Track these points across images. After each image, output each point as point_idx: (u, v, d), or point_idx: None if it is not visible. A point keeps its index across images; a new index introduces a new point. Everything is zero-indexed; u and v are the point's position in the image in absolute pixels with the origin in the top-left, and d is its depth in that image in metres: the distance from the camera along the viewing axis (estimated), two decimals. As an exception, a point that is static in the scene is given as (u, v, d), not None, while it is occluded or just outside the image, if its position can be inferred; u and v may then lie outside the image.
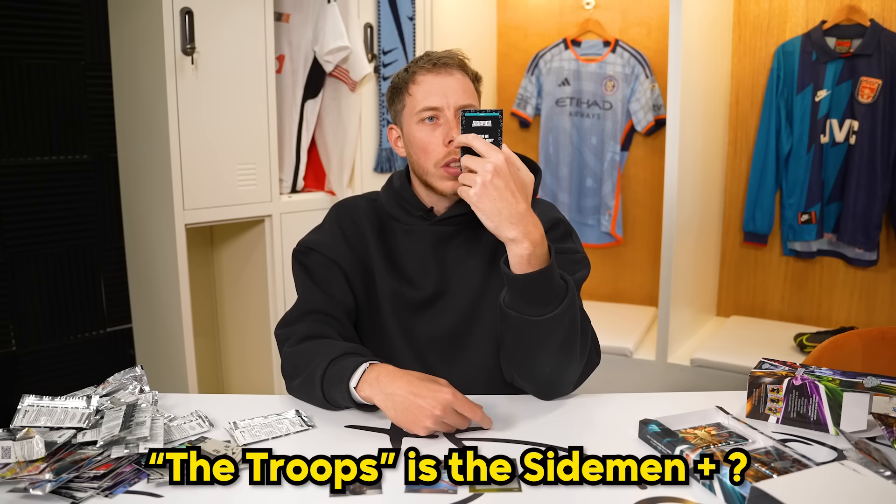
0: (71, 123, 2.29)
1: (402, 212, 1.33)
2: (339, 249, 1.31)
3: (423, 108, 1.24)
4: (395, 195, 1.35)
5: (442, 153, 1.25)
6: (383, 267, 1.30)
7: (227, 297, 2.56)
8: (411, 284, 1.29)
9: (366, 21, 2.53)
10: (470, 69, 1.29)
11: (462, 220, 1.31)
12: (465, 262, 1.30)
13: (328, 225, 1.36)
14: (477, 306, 1.28)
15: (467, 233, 1.31)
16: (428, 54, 1.28)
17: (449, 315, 1.28)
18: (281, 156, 2.40)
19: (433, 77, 1.25)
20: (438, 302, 1.29)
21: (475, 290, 1.28)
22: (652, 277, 3.00)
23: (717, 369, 2.45)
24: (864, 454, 0.94)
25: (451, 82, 1.25)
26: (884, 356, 1.47)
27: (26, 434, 0.95)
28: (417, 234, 1.32)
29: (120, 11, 2.22)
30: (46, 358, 2.31)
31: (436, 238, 1.31)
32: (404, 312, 1.29)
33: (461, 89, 1.25)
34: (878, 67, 2.45)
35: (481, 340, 1.28)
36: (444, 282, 1.29)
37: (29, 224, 2.24)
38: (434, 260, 1.30)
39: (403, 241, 1.32)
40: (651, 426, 1.01)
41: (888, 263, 2.61)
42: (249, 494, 0.90)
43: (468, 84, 1.27)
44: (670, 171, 2.42)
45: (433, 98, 1.24)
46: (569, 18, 3.09)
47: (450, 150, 1.25)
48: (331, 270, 1.30)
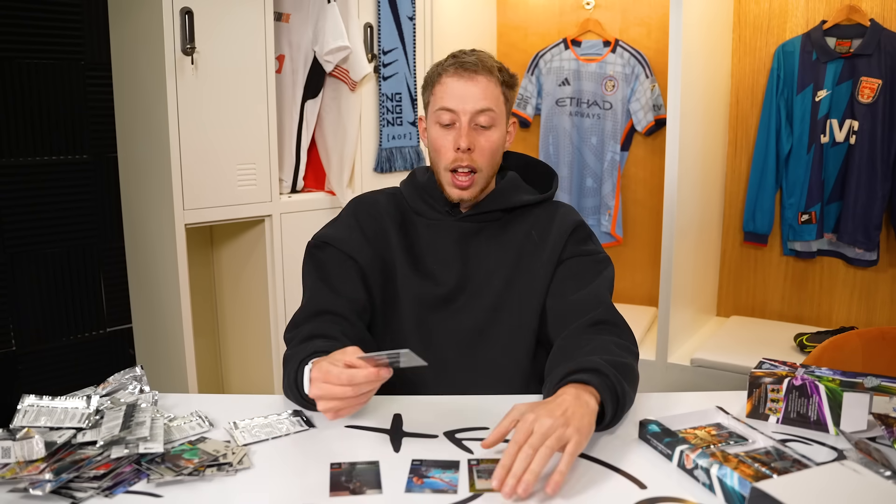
0: (71, 123, 2.29)
1: (426, 206, 1.34)
2: (357, 244, 1.30)
3: (439, 108, 1.27)
4: (419, 189, 1.35)
5: (451, 157, 1.27)
6: (405, 262, 1.30)
7: (227, 297, 2.55)
8: (433, 279, 1.30)
9: (366, 21, 2.53)
10: (499, 73, 1.28)
11: (488, 217, 1.33)
12: (490, 259, 1.31)
13: (345, 219, 1.35)
14: (500, 304, 1.28)
15: (492, 229, 1.33)
16: (458, 55, 1.29)
17: (470, 311, 1.28)
18: (281, 156, 2.40)
19: (455, 80, 1.26)
20: (460, 297, 1.29)
21: (498, 288, 1.29)
22: (652, 277, 3.00)
23: (717, 369, 2.44)
24: (864, 454, 0.94)
25: (471, 88, 1.25)
26: (884, 356, 1.47)
27: (26, 434, 0.95)
28: (441, 229, 1.32)
29: (120, 11, 2.22)
30: (46, 358, 2.31)
31: (460, 233, 1.32)
32: (425, 307, 1.29)
33: (481, 95, 1.25)
34: (878, 67, 2.45)
35: (502, 338, 1.28)
36: (467, 277, 1.29)
37: (29, 224, 2.24)
38: (457, 255, 1.30)
39: (426, 236, 1.32)
40: (651, 426, 1.01)
41: (888, 263, 2.61)
42: (249, 494, 0.90)
43: (492, 90, 1.26)
44: (670, 171, 2.42)
45: (450, 100, 1.26)
46: (569, 18, 3.09)
47: (458, 155, 1.26)
48: (344, 267, 1.28)
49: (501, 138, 1.31)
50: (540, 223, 1.33)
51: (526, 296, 1.29)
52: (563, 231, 1.31)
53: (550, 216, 1.34)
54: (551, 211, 1.36)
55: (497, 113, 1.28)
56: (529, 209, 1.36)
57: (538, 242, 1.31)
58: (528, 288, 1.29)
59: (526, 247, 1.31)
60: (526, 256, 1.31)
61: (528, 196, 1.36)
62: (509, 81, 1.30)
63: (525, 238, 1.32)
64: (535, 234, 1.32)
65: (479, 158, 1.28)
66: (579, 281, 1.26)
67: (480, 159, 1.28)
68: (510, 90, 1.31)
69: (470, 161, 1.27)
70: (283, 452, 1.00)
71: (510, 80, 1.31)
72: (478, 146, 1.27)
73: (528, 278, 1.29)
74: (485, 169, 1.29)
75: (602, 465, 0.96)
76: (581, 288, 1.25)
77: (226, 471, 0.94)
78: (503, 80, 1.29)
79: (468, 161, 1.27)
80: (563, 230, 1.31)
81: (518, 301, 1.29)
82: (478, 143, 1.27)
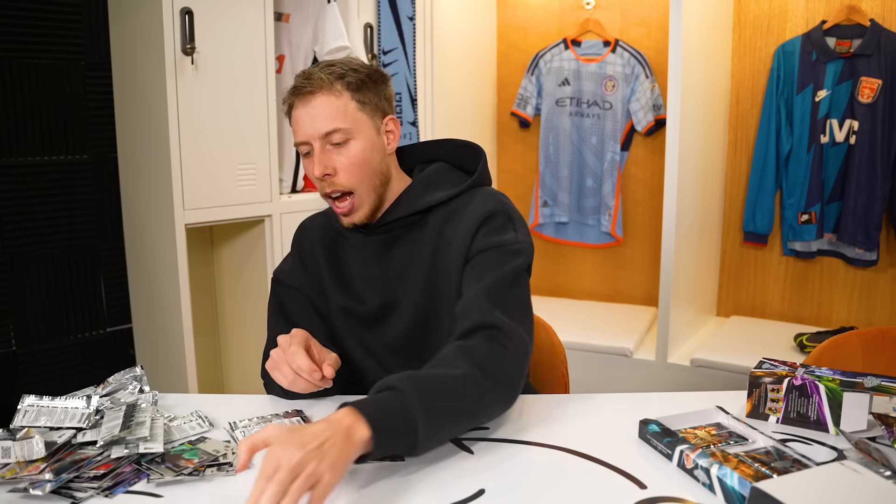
0: (71, 123, 2.29)
1: (342, 226, 1.28)
2: (297, 276, 1.32)
3: (296, 143, 1.20)
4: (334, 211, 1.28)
5: (321, 186, 1.20)
6: (334, 284, 1.29)
7: (227, 297, 2.55)
8: (360, 300, 1.27)
9: (366, 21, 2.53)
10: (339, 84, 1.16)
11: (399, 224, 1.25)
12: (408, 269, 1.24)
13: (292, 249, 1.37)
14: (427, 311, 1.23)
15: (407, 236, 1.25)
16: (296, 79, 1.19)
17: (400, 324, 1.24)
18: (281, 156, 2.40)
19: (299, 109, 1.17)
20: (389, 313, 1.25)
21: (421, 296, 1.23)
22: (652, 277, 3.00)
23: (717, 369, 2.44)
24: (864, 454, 0.94)
25: (311, 111, 1.16)
26: (884, 356, 1.47)
27: (26, 434, 0.95)
28: (359, 247, 1.28)
29: (120, 11, 2.22)
30: (46, 358, 2.31)
31: (376, 248, 1.26)
32: (357, 327, 1.28)
33: (325, 115, 1.15)
34: (878, 67, 2.45)
35: (433, 348, 1.15)
36: (391, 292, 1.25)
37: (29, 224, 2.24)
38: (378, 271, 1.26)
39: (349, 255, 1.30)
40: (651, 426, 1.01)
41: (888, 263, 2.61)
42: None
43: (334, 103, 1.15)
44: (670, 171, 2.42)
45: (299, 131, 1.18)
46: (569, 18, 3.09)
47: (322, 183, 1.19)
48: (298, 302, 1.31)
49: (365, 148, 1.18)
50: (454, 218, 1.22)
51: (447, 300, 1.20)
52: (472, 222, 1.18)
53: (463, 208, 1.22)
54: (466, 201, 1.23)
55: (348, 126, 1.16)
56: (447, 205, 1.24)
57: (449, 240, 1.21)
58: (446, 292, 1.20)
59: (439, 247, 1.22)
60: (439, 257, 1.21)
61: (440, 193, 1.24)
62: (360, 84, 1.17)
63: (438, 237, 1.22)
64: (448, 231, 1.22)
65: (344, 178, 1.18)
66: (477, 281, 1.13)
67: (346, 178, 1.18)
68: (366, 92, 1.18)
69: (335, 185, 1.18)
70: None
71: (363, 82, 1.18)
72: (338, 166, 1.17)
73: (444, 281, 1.21)
74: (359, 186, 1.19)
75: (602, 465, 0.96)
76: (464, 295, 1.14)
77: (226, 471, 0.94)
78: (350, 86, 1.16)
79: (334, 186, 1.18)
80: (471, 222, 1.18)
81: (440, 307, 1.21)
82: (336, 163, 1.17)
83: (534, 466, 0.97)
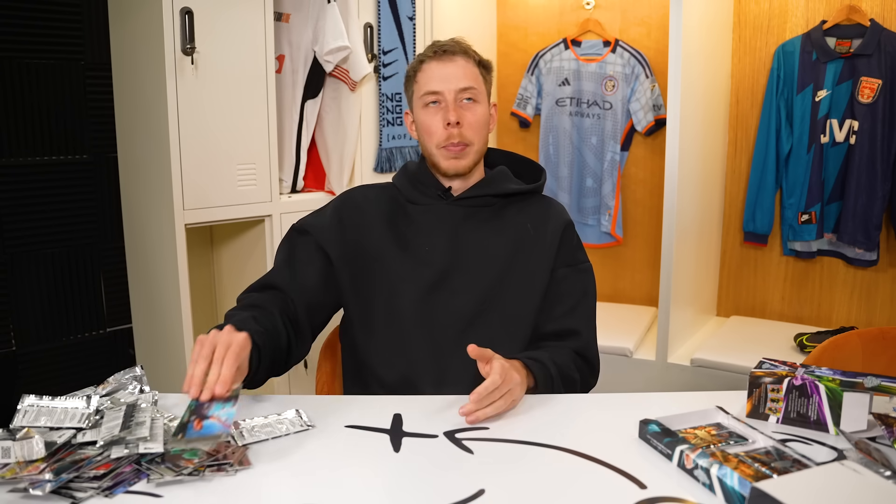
0: (71, 123, 2.29)
1: (418, 194, 1.38)
2: (332, 237, 1.35)
3: (425, 93, 1.34)
4: (410, 178, 1.40)
5: (443, 135, 1.33)
6: (394, 250, 1.33)
7: (227, 297, 2.55)
8: (425, 264, 1.32)
9: (366, 21, 2.53)
10: (474, 55, 1.38)
11: (479, 202, 1.36)
12: (483, 243, 1.34)
13: (329, 211, 1.40)
14: (494, 287, 1.32)
15: (485, 213, 1.37)
16: (433, 44, 1.38)
17: (464, 294, 1.31)
18: (281, 156, 2.40)
19: (436, 64, 1.34)
20: (453, 280, 1.31)
21: (493, 272, 1.32)
22: (652, 277, 3.00)
23: (717, 369, 2.44)
24: (864, 454, 0.94)
25: (451, 68, 1.33)
26: (884, 356, 1.48)
27: (26, 434, 0.95)
28: (433, 214, 1.36)
29: (120, 11, 2.22)
30: (46, 358, 2.31)
31: (453, 218, 1.35)
32: (418, 292, 1.31)
33: (462, 74, 1.33)
34: (878, 67, 2.45)
35: (496, 322, 1.31)
36: (460, 260, 1.32)
37: (29, 224, 2.24)
38: (450, 238, 1.34)
39: (419, 221, 1.36)
40: (651, 426, 1.01)
41: (888, 263, 2.61)
42: (249, 494, 0.90)
43: (471, 69, 1.35)
44: (670, 171, 2.42)
45: (434, 83, 1.33)
46: (569, 18, 3.09)
47: (449, 132, 1.32)
48: (314, 256, 1.34)
49: (485, 113, 1.38)
50: (534, 216, 1.39)
51: (524, 288, 1.33)
52: (557, 228, 1.38)
53: (544, 210, 1.41)
54: (544, 206, 1.42)
55: (479, 90, 1.36)
56: (523, 201, 1.41)
57: (534, 235, 1.36)
58: (527, 283, 1.34)
59: (522, 236, 1.36)
60: (522, 246, 1.36)
61: (517, 185, 1.41)
62: (486, 64, 1.40)
63: (521, 227, 1.37)
64: (531, 227, 1.37)
65: (468, 132, 1.34)
66: (564, 303, 1.36)
67: (470, 132, 1.34)
68: (487, 73, 1.40)
69: (460, 136, 1.33)
70: (283, 452, 1.00)
71: (487, 63, 1.40)
72: (466, 121, 1.33)
73: (525, 272, 1.34)
74: (475, 142, 1.35)
75: (602, 465, 0.96)
76: (565, 313, 1.35)
77: (226, 471, 0.94)
78: (479, 62, 1.38)
79: (458, 136, 1.33)
80: (557, 226, 1.38)
81: (514, 289, 1.33)
82: (465, 117, 1.33)
83: (534, 466, 0.97)
